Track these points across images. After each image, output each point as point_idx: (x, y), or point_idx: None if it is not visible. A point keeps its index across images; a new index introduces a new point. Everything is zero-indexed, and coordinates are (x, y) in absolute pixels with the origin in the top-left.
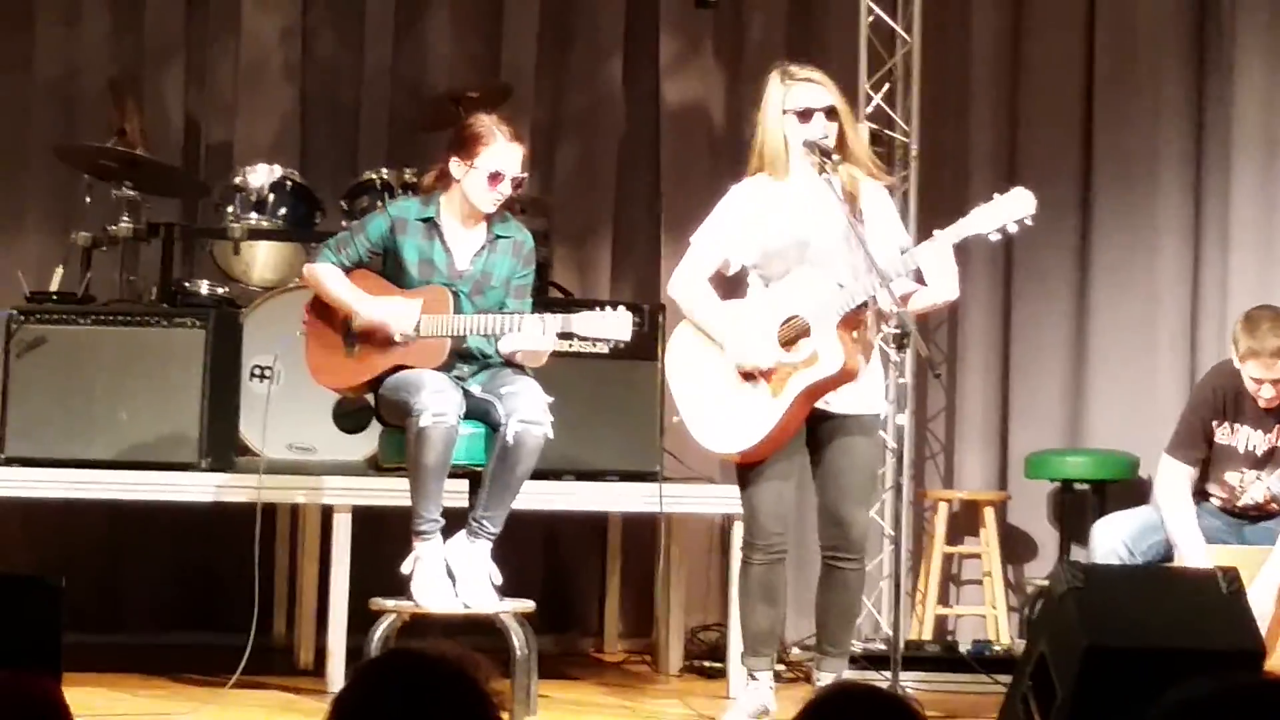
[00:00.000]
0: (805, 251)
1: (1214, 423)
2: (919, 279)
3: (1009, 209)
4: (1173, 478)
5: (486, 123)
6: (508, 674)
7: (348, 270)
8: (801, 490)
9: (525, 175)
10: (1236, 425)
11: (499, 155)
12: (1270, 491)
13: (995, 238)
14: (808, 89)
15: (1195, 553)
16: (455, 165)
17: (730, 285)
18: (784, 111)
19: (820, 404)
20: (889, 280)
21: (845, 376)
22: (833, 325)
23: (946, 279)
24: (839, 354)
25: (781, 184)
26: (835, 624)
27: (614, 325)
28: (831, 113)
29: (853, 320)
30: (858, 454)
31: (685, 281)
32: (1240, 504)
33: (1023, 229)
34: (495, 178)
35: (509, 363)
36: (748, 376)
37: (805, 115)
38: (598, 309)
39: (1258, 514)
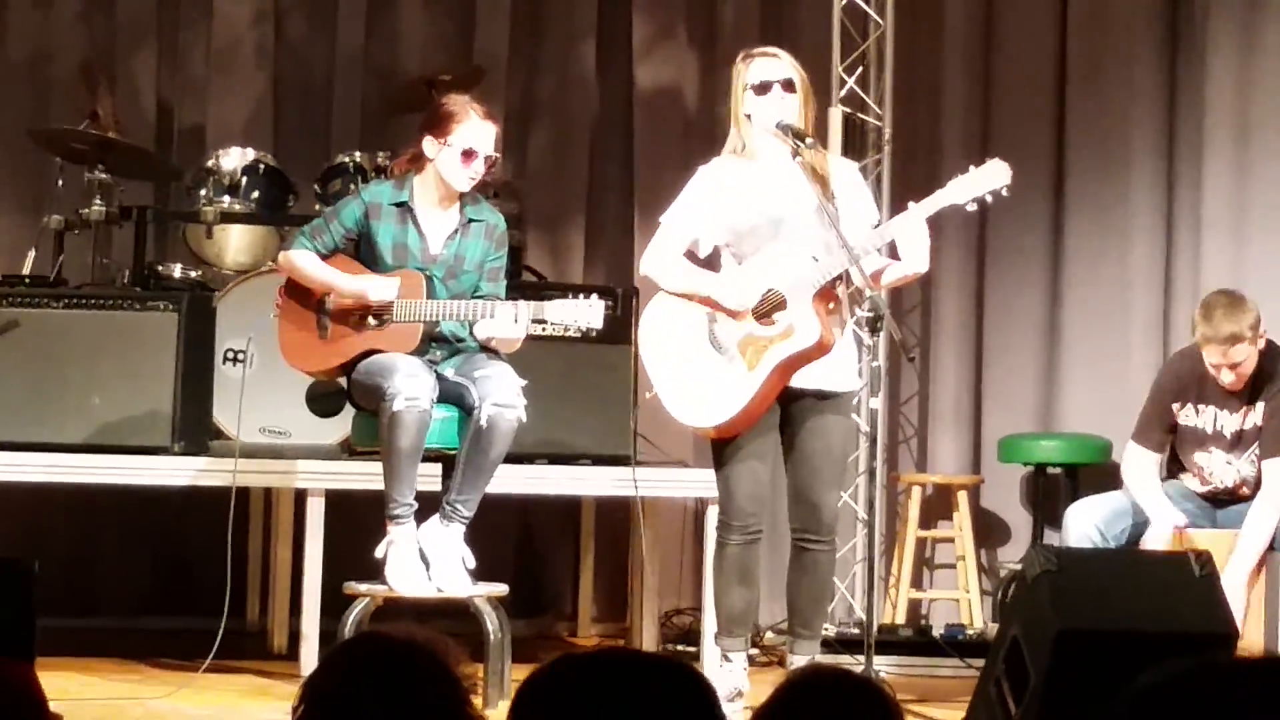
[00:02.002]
0: (779, 228)
1: (1175, 405)
2: (893, 253)
3: (984, 180)
4: (1137, 463)
5: (460, 101)
6: (481, 658)
7: (324, 258)
8: (773, 471)
9: (499, 155)
10: (1201, 406)
11: (472, 133)
12: (1240, 475)
13: (971, 208)
14: (764, 62)
15: (1165, 518)
16: (429, 144)
17: (703, 268)
18: (744, 89)
19: (794, 382)
20: (859, 258)
21: (821, 349)
22: (808, 298)
23: (918, 251)
24: (815, 326)
25: (751, 163)
26: (807, 606)
27: (586, 312)
28: (789, 85)
29: (828, 293)
30: (830, 435)
31: (657, 257)
32: (1211, 486)
33: (998, 201)
34: (469, 155)
35: (484, 347)
36: (722, 347)
37: (762, 88)
38: (570, 296)
39: (1229, 497)
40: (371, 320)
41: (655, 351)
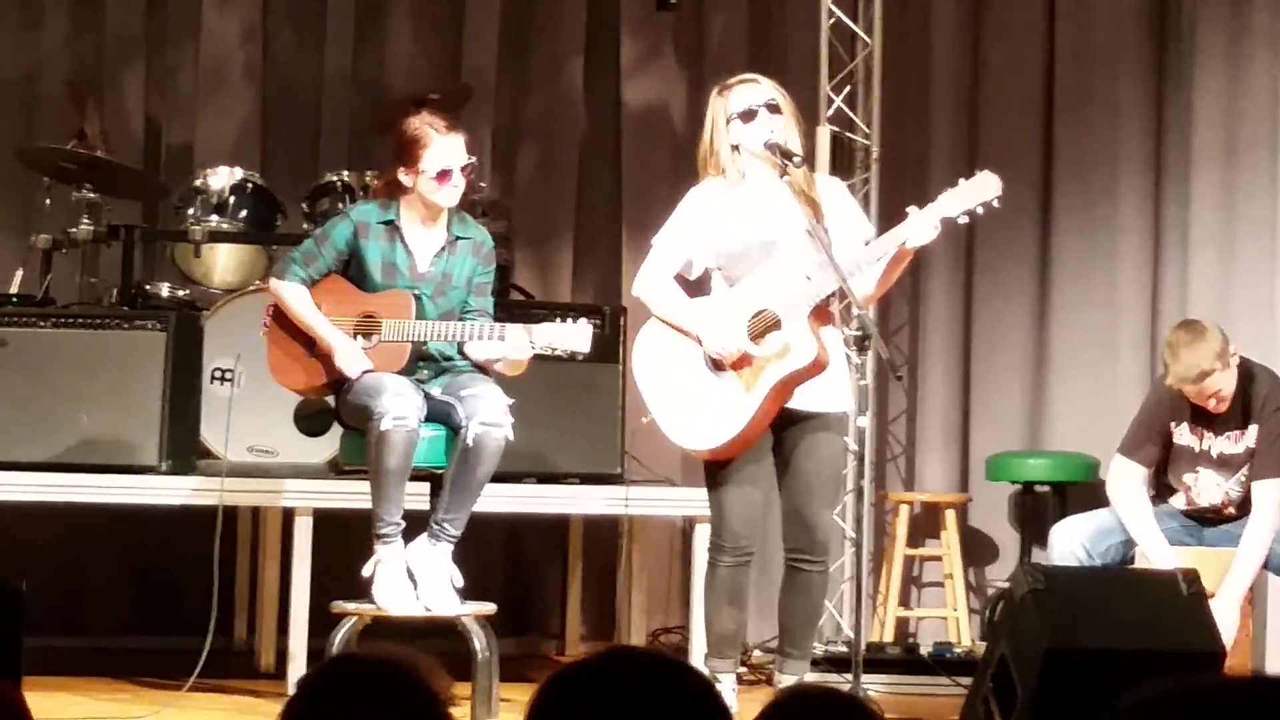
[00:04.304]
0: (771, 250)
1: (1172, 423)
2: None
3: (976, 192)
4: (1125, 478)
5: (418, 124)
6: (469, 676)
7: (315, 282)
8: (766, 494)
9: (474, 160)
10: (1194, 426)
11: (440, 152)
12: (1228, 496)
13: (963, 220)
14: (745, 89)
15: (1159, 551)
16: (404, 175)
17: (693, 289)
18: (728, 121)
19: (788, 403)
20: (850, 276)
21: (818, 367)
22: (803, 317)
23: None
24: (812, 345)
25: (741, 187)
26: (798, 626)
27: (574, 336)
28: (774, 107)
29: (822, 312)
30: (823, 455)
31: (650, 280)
32: (1198, 505)
33: (985, 219)
34: (444, 175)
35: (478, 367)
36: (719, 367)
37: (748, 115)
38: (558, 319)
39: (1216, 517)
40: (360, 340)
41: (651, 375)
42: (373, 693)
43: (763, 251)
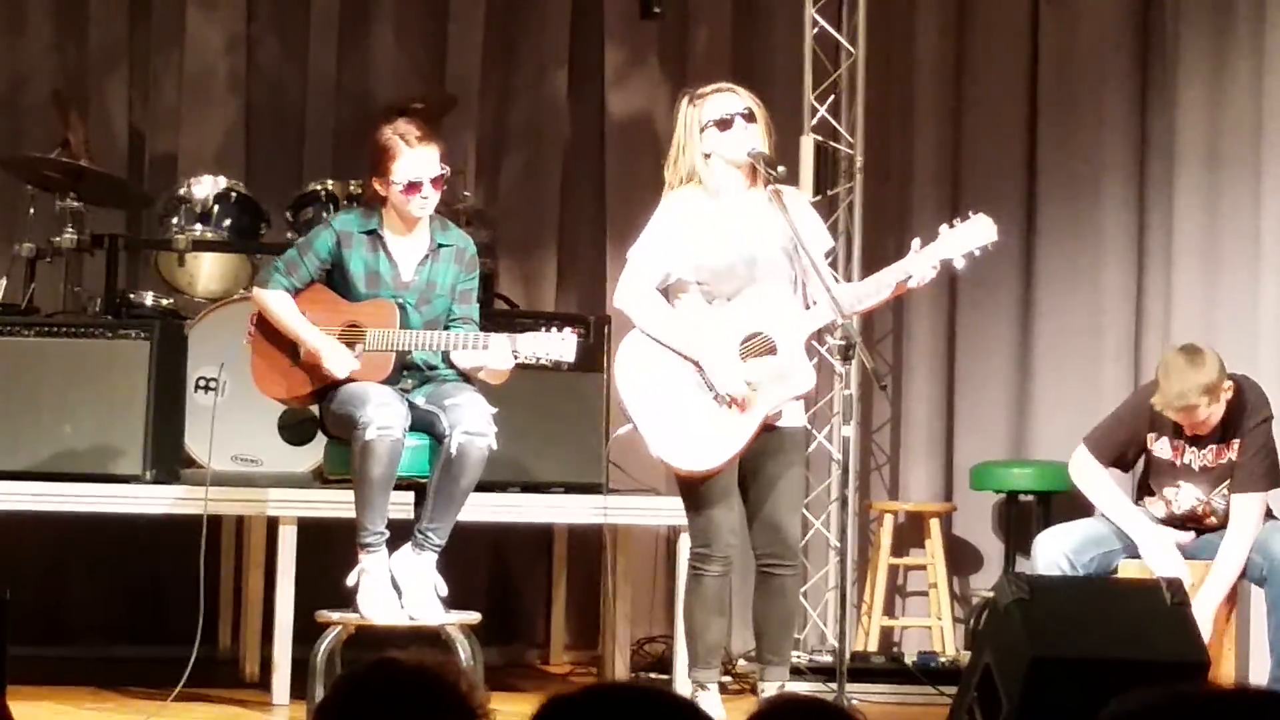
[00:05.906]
0: (754, 268)
1: (1150, 434)
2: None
3: (974, 235)
4: (1083, 462)
5: (389, 135)
6: None
7: (299, 291)
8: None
9: (446, 171)
10: (1177, 441)
11: (410, 164)
12: (1209, 505)
13: (961, 264)
14: (719, 98)
15: (1136, 523)
16: (378, 185)
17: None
18: (702, 129)
19: None
20: (836, 298)
21: (807, 394)
22: (801, 343)
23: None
24: (810, 373)
25: (715, 200)
26: (776, 632)
27: (559, 346)
28: (749, 116)
29: (816, 339)
30: (789, 464)
31: (634, 293)
32: (1177, 513)
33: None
34: (413, 187)
35: (463, 375)
36: (713, 389)
37: (724, 124)
38: (543, 329)
39: (1196, 525)
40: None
41: (637, 387)
42: (410, 701)
43: (747, 269)
